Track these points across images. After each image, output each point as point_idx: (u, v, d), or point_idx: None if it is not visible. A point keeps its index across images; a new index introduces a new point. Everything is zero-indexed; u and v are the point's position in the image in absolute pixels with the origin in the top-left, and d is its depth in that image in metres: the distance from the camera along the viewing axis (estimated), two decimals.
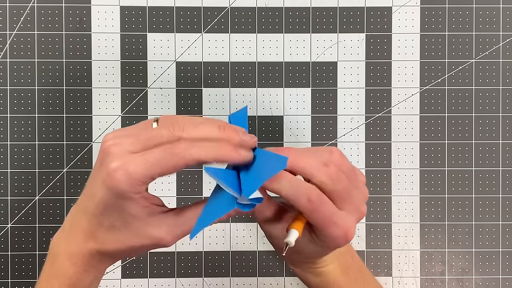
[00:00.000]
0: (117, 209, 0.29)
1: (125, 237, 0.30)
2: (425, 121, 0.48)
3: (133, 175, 0.27)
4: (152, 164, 0.27)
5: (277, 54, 0.48)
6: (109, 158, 0.28)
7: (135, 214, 0.29)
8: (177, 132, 0.28)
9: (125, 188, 0.27)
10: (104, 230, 0.30)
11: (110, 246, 0.30)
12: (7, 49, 0.47)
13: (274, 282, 0.48)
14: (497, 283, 0.48)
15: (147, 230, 0.29)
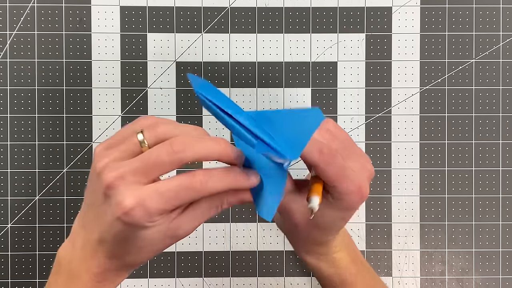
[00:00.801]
0: (138, 237, 0.29)
1: (150, 250, 0.30)
2: (425, 121, 0.48)
3: (151, 211, 0.27)
4: (169, 197, 0.27)
5: (277, 54, 0.48)
6: (118, 194, 0.27)
7: (157, 234, 0.29)
8: (180, 154, 0.27)
9: (145, 223, 0.28)
10: (127, 252, 0.30)
11: (137, 260, 0.31)
12: (7, 49, 0.47)
13: (274, 282, 0.48)
14: (497, 283, 0.48)
15: (170, 235, 0.30)
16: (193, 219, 0.30)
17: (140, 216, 0.27)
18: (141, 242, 0.29)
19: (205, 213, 0.30)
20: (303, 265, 0.48)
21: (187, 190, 0.27)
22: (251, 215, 0.48)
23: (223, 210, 0.31)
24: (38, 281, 0.47)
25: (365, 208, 0.48)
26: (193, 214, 0.30)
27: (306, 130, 0.28)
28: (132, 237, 0.29)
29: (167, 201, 0.27)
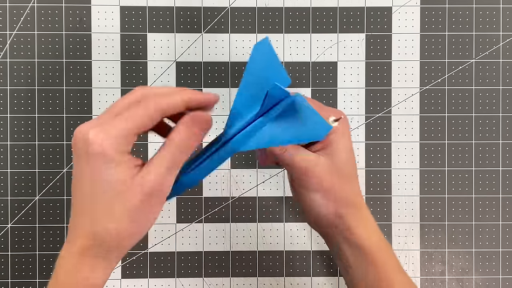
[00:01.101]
0: (107, 182, 0.28)
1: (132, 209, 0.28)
2: (425, 121, 0.48)
3: (111, 131, 0.27)
4: (127, 118, 0.28)
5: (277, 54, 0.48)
6: (81, 136, 0.28)
7: (122, 177, 0.28)
8: (138, 94, 0.29)
9: (108, 148, 0.27)
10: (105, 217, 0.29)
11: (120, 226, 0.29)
12: (7, 49, 0.47)
13: (274, 282, 0.48)
14: (497, 283, 0.48)
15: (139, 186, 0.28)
16: (157, 162, 0.29)
17: (104, 139, 0.27)
18: (108, 190, 0.28)
19: (165, 153, 0.29)
20: (303, 265, 0.48)
21: (143, 108, 0.28)
22: (251, 215, 0.48)
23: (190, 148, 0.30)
24: (38, 281, 0.47)
25: None
26: (155, 157, 0.29)
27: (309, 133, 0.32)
28: (99, 179, 0.28)
29: (125, 121, 0.28)
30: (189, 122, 0.30)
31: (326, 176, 0.34)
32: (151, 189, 0.29)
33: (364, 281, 0.35)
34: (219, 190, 0.48)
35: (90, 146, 0.28)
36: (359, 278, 0.36)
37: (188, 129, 0.30)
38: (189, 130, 0.30)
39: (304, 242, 0.48)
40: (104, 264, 0.30)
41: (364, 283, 0.35)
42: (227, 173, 0.48)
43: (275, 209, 0.48)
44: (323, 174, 0.33)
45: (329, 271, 0.48)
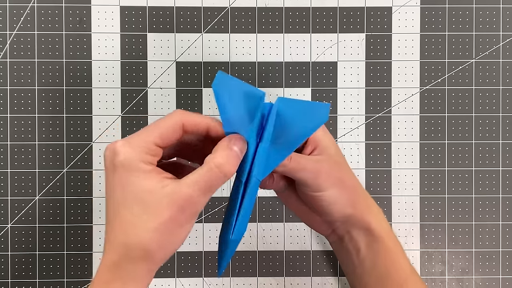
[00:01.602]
0: (135, 193, 0.28)
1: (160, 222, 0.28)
2: (425, 121, 0.48)
3: (134, 142, 0.28)
4: (150, 130, 0.29)
5: (277, 54, 0.48)
6: (109, 150, 0.29)
7: (149, 187, 0.28)
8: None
9: (132, 157, 0.28)
10: (132, 228, 0.28)
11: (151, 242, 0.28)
12: (7, 49, 0.47)
13: (274, 282, 0.48)
14: (497, 283, 0.48)
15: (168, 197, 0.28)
16: (190, 181, 0.28)
17: (127, 149, 0.28)
18: (134, 200, 0.28)
19: (201, 174, 0.29)
20: (303, 265, 0.48)
21: (164, 119, 0.30)
22: (251, 215, 0.48)
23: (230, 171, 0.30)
24: (38, 281, 0.47)
25: None
26: (190, 176, 0.29)
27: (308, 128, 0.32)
28: (125, 189, 0.28)
29: (148, 132, 0.29)
30: (227, 141, 0.30)
31: (332, 171, 0.35)
32: (182, 204, 0.28)
33: (375, 267, 0.36)
34: (219, 190, 0.48)
35: (116, 156, 0.28)
36: (369, 265, 0.37)
37: (229, 149, 0.29)
38: (228, 150, 0.29)
39: (304, 242, 0.48)
40: (134, 279, 0.29)
41: (375, 269, 0.36)
42: None
43: (275, 209, 0.48)
44: (331, 169, 0.35)
45: (329, 271, 0.48)
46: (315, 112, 0.32)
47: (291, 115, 0.31)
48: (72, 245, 0.47)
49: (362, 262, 0.37)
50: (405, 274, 0.36)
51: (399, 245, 0.37)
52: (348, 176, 0.36)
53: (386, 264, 0.36)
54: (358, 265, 0.37)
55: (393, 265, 0.36)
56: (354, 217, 0.36)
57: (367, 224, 0.36)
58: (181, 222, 0.29)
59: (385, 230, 0.37)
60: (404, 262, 0.37)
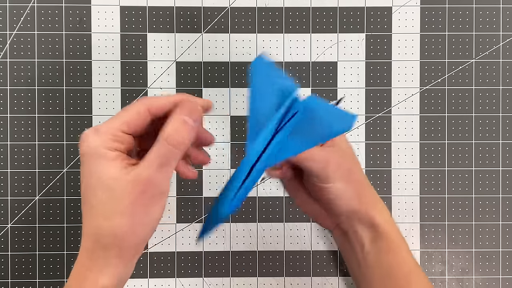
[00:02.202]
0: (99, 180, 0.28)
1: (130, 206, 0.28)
2: (425, 121, 0.48)
3: (100, 129, 0.28)
4: (116, 117, 0.29)
5: (277, 54, 0.48)
6: (81, 138, 0.29)
7: (114, 174, 0.28)
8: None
9: (96, 144, 0.28)
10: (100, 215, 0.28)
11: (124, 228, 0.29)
12: (7, 49, 0.47)
13: (274, 282, 0.48)
14: (497, 283, 0.48)
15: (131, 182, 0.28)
16: (149, 160, 0.28)
17: (92, 137, 0.28)
18: (98, 186, 0.28)
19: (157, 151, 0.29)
20: (303, 265, 0.48)
21: (130, 105, 0.30)
22: (251, 215, 0.48)
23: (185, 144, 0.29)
24: (38, 281, 0.47)
25: None
26: (147, 155, 0.29)
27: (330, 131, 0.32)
28: (90, 176, 0.28)
29: (114, 118, 0.29)
30: (177, 111, 0.29)
31: (343, 163, 0.35)
32: (143, 186, 0.28)
33: (379, 262, 0.36)
34: (219, 190, 0.48)
35: (83, 143, 0.28)
36: (373, 260, 0.37)
37: (177, 119, 0.29)
38: (179, 120, 0.29)
39: (304, 242, 0.48)
40: (108, 265, 0.29)
41: (379, 265, 0.36)
42: (227, 173, 0.48)
43: (275, 209, 0.48)
44: (340, 161, 0.35)
45: (329, 271, 0.48)
46: (340, 120, 0.32)
47: (317, 116, 0.32)
48: (72, 245, 0.47)
49: (366, 258, 0.37)
50: (408, 269, 0.36)
51: (404, 241, 0.37)
52: (356, 170, 0.37)
53: (390, 260, 0.36)
54: (362, 260, 0.37)
55: (397, 261, 0.36)
56: (359, 212, 0.36)
57: (371, 219, 0.36)
58: (146, 204, 0.29)
59: (390, 226, 0.37)
60: (408, 257, 0.37)
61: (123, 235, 0.29)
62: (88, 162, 0.28)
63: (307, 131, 0.31)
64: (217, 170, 0.48)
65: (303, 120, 0.31)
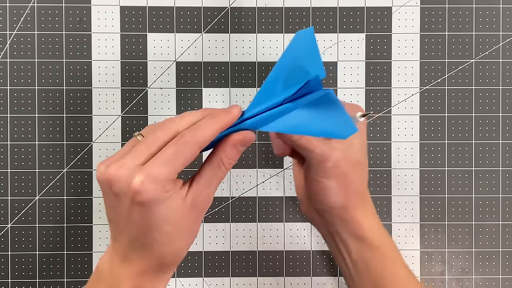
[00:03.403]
0: (159, 217, 0.29)
1: (179, 233, 0.30)
2: (425, 121, 0.48)
3: (159, 177, 0.27)
4: (171, 159, 0.28)
5: (277, 54, 0.48)
6: (122, 181, 0.28)
7: (176, 209, 0.29)
8: (170, 129, 0.29)
9: (159, 193, 0.28)
10: (157, 242, 0.29)
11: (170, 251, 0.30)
12: (7, 49, 0.47)
13: (274, 282, 0.48)
14: (497, 283, 0.48)
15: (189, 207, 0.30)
16: (205, 182, 0.30)
17: (152, 188, 0.27)
18: (164, 223, 0.29)
19: (213, 173, 0.31)
20: (303, 265, 0.48)
21: (183, 145, 0.28)
22: (251, 215, 0.48)
23: (233, 165, 0.32)
24: (38, 281, 0.47)
25: None
26: (202, 177, 0.31)
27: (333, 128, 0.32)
28: (154, 219, 0.28)
29: (170, 163, 0.28)
30: (232, 139, 0.31)
31: (342, 163, 0.34)
32: (200, 207, 0.30)
33: (369, 271, 0.36)
34: (219, 190, 0.48)
35: (138, 195, 0.27)
36: (362, 269, 0.36)
37: (232, 146, 0.31)
38: (234, 147, 0.31)
39: (304, 242, 0.48)
40: (162, 278, 0.31)
41: (369, 274, 0.36)
42: (227, 173, 0.48)
43: (275, 209, 0.48)
44: (339, 161, 0.34)
45: (329, 271, 0.48)
46: (342, 125, 0.32)
47: (326, 108, 0.31)
48: (72, 245, 0.47)
49: (355, 265, 0.36)
50: (401, 282, 0.36)
51: (396, 252, 0.37)
52: (355, 178, 0.35)
53: (381, 271, 0.36)
54: (351, 267, 0.37)
55: (388, 273, 0.36)
56: (344, 220, 0.36)
57: (357, 231, 0.36)
58: (195, 220, 0.31)
59: (378, 239, 0.36)
60: (400, 269, 0.36)
61: (181, 252, 0.31)
62: (146, 208, 0.28)
63: (310, 117, 0.31)
64: None
65: (318, 105, 0.31)
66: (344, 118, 0.32)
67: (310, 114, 0.31)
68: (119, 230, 0.30)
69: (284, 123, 0.31)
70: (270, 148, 0.48)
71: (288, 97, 0.31)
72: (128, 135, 0.47)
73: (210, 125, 0.30)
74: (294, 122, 0.31)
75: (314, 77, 0.30)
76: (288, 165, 0.48)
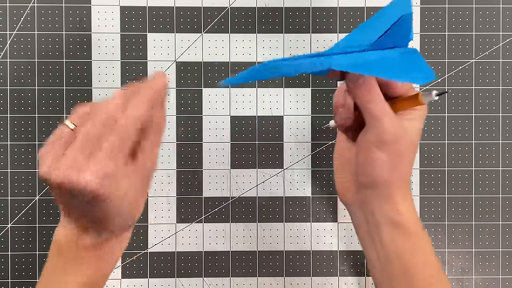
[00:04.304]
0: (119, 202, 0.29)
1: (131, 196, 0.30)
2: (425, 121, 0.48)
3: (110, 172, 0.27)
4: (115, 148, 0.28)
5: (277, 54, 0.48)
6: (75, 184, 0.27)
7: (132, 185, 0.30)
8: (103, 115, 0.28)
9: (112, 186, 0.28)
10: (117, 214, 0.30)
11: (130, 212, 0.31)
12: (7, 49, 0.47)
13: (274, 282, 0.48)
14: (497, 283, 0.48)
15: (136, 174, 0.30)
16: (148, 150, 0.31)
17: (106, 184, 0.27)
18: (121, 206, 0.30)
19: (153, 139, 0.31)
20: (303, 265, 0.48)
21: (121, 130, 0.28)
22: (251, 215, 0.48)
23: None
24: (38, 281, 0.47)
25: None
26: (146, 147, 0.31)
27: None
28: (112, 207, 0.29)
29: (116, 153, 0.28)
30: None
31: (401, 141, 0.33)
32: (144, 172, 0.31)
33: (398, 259, 0.34)
34: (219, 190, 0.48)
35: (94, 195, 0.27)
36: (392, 256, 0.35)
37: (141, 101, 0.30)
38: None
39: (304, 242, 0.48)
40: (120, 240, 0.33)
41: (398, 262, 0.34)
42: (227, 173, 0.48)
43: (275, 209, 0.48)
44: (400, 137, 0.33)
45: (329, 271, 0.48)
46: (423, 71, 0.32)
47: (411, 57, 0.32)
48: None
49: (385, 249, 0.35)
50: (431, 272, 0.35)
51: (429, 244, 0.35)
52: (407, 160, 0.34)
53: (412, 260, 0.34)
54: (381, 251, 0.35)
55: (418, 262, 0.34)
56: (384, 199, 0.34)
57: (394, 214, 0.34)
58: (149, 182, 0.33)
59: (414, 226, 0.35)
60: (431, 264, 0.35)
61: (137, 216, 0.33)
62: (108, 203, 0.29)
63: (392, 61, 0.30)
64: (217, 170, 0.48)
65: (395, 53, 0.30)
66: (424, 67, 0.31)
67: (388, 57, 0.30)
68: (72, 213, 0.31)
69: (358, 61, 0.30)
70: (270, 148, 0.48)
71: (373, 43, 0.30)
72: None
73: (140, 100, 0.29)
74: (369, 61, 0.30)
75: (407, 15, 0.28)
76: (288, 165, 0.48)
